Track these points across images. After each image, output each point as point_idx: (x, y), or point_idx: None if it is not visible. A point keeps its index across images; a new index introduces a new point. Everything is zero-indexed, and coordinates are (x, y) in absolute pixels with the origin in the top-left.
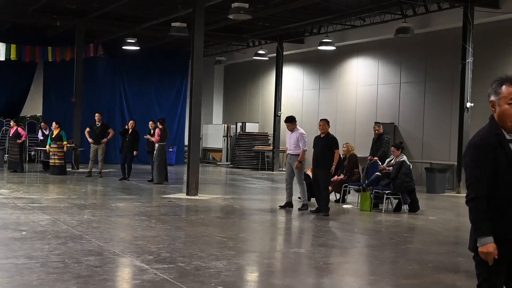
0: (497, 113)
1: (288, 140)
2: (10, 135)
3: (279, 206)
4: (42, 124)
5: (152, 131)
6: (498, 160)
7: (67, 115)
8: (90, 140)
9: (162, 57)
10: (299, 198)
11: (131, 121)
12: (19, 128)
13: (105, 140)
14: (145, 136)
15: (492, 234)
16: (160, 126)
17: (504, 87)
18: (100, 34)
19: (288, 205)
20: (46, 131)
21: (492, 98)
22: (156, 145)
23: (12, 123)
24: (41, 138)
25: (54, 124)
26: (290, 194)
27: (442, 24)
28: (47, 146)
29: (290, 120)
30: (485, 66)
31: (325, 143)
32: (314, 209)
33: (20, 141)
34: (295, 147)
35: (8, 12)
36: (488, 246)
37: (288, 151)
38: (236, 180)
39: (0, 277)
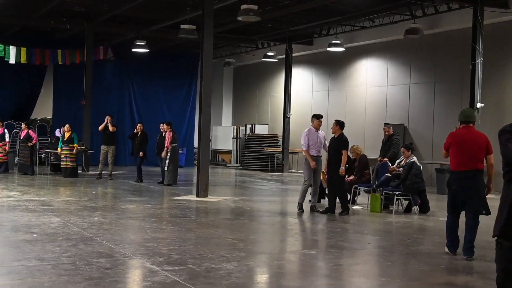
0: None
1: (316, 140)
2: (21, 138)
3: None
4: (64, 128)
5: (164, 133)
6: None
7: (77, 117)
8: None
9: (171, 59)
10: (309, 200)
11: (139, 124)
12: (30, 131)
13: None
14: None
15: None
16: (170, 130)
17: None
18: (109, 36)
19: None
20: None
21: None
22: (170, 146)
23: (23, 125)
24: (58, 135)
25: (67, 126)
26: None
27: (451, 25)
28: (59, 149)
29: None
30: (495, 66)
31: (336, 144)
32: (324, 209)
33: (31, 144)
34: (320, 148)
35: (18, 16)
36: None
37: (315, 153)
38: (245, 181)
39: (11, 279)
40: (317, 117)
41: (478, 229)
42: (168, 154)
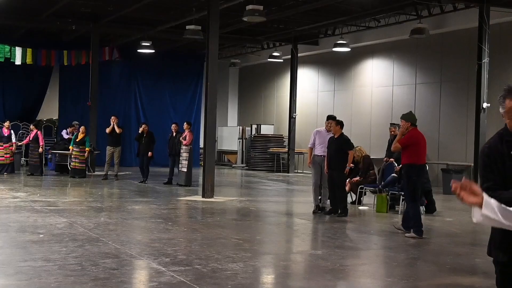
0: (508, 124)
1: (323, 140)
2: (30, 139)
3: (314, 212)
4: (69, 129)
5: (174, 134)
6: (507, 167)
7: (83, 118)
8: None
9: (176, 60)
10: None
11: (143, 125)
12: (38, 132)
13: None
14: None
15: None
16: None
17: (507, 101)
18: (115, 37)
19: (319, 208)
20: (69, 135)
21: (500, 110)
22: (188, 147)
23: (31, 126)
24: (66, 136)
25: (82, 128)
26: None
27: (457, 25)
28: (70, 147)
29: (335, 118)
30: (501, 66)
31: (339, 144)
32: (327, 210)
33: (41, 149)
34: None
35: (24, 17)
36: None
37: (320, 153)
38: (251, 182)
39: (18, 279)
40: (327, 118)
41: (485, 229)
42: (187, 154)
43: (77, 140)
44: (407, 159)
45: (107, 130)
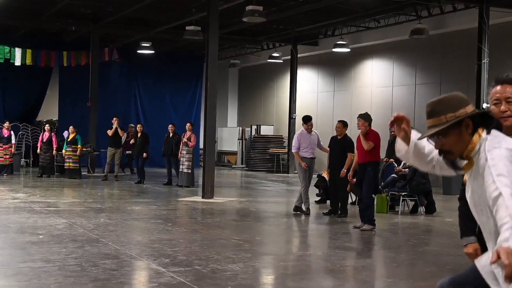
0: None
1: (309, 142)
2: (44, 140)
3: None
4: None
5: (171, 134)
6: None
7: (83, 119)
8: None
9: (176, 61)
10: (316, 202)
11: (138, 125)
12: (52, 134)
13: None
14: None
15: (474, 234)
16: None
17: (493, 88)
18: (115, 38)
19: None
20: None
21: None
22: (191, 148)
23: (46, 128)
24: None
25: (71, 128)
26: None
27: (457, 25)
28: (63, 150)
29: (311, 119)
30: (501, 66)
31: (342, 145)
32: (327, 211)
33: (55, 151)
34: (314, 150)
35: (24, 17)
36: (468, 246)
37: (308, 155)
38: (251, 182)
39: (18, 280)
40: (304, 121)
41: None
42: (190, 155)
43: (68, 140)
44: (372, 157)
45: (109, 133)
